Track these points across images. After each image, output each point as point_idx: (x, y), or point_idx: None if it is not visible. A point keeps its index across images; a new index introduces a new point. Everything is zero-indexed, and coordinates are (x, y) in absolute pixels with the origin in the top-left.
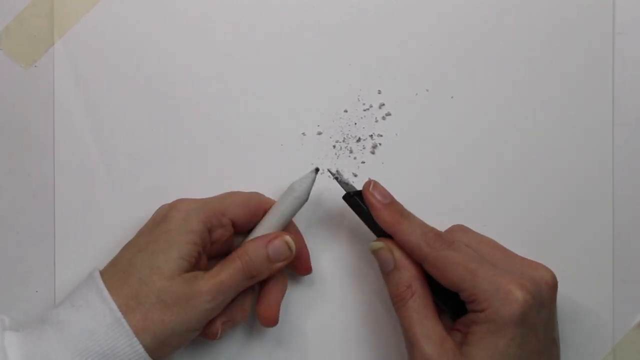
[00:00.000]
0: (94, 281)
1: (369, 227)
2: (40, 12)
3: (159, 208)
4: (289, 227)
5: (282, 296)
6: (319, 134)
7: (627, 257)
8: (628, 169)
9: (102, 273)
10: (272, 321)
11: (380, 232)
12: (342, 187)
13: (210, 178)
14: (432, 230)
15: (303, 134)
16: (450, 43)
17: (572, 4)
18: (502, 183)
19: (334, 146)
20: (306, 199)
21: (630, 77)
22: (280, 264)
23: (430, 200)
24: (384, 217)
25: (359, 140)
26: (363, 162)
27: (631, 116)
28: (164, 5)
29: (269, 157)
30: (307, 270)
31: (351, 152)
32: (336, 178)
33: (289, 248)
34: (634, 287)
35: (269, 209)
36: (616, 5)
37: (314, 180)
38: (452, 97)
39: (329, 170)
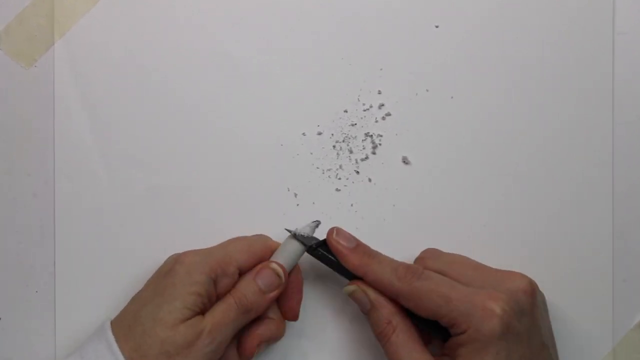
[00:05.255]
0: (104, 333)
1: (339, 273)
2: (40, 12)
3: (166, 260)
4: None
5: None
6: (319, 134)
7: (627, 257)
8: (628, 169)
9: (112, 324)
10: (294, 316)
11: (350, 275)
12: (303, 242)
13: (210, 178)
14: (401, 264)
15: (303, 134)
16: (450, 43)
17: (572, 4)
18: (502, 183)
19: (334, 146)
20: (305, 250)
21: (630, 77)
22: (273, 294)
23: (430, 200)
24: (352, 261)
25: (359, 140)
26: (363, 162)
27: (631, 116)
28: (163, 5)
29: (269, 157)
30: (294, 316)
31: (351, 152)
32: (294, 235)
33: (278, 275)
34: (634, 286)
35: (273, 251)
36: (616, 5)
37: (314, 229)
38: (452, 97)
39: (286, 229)
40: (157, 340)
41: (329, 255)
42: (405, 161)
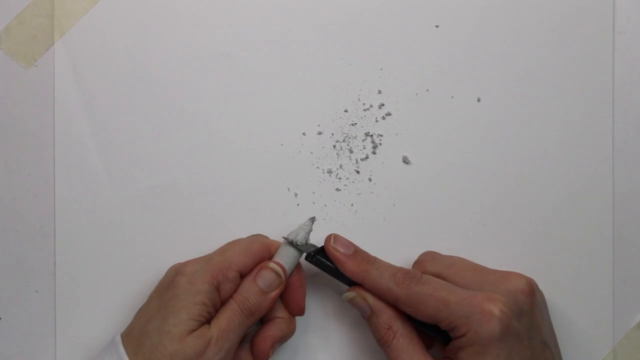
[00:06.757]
0: (115, 347)
1: (338, 279)
2: (40, 11)
3: (167, 271)
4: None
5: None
6: (319, 133)
7: (627, 257)
8: (628, 169)
9: (122, 339)
10: (300, 310)
11: (350, 282)
12: (302, 250)
13: (210, 178)
14: (400, 270)
15: (303, 134)
16: (450, 43)
17: (572, 4)
18: (502, 182)
19: (334, 146)
20: (305, 250)
21: (630, 77)
22: (274, 293)
23: (430, 200)
24: (350, 268)
25: (359, 140)
26: (363, 162)
27: (631, 116)
28: (163, 5)
29: (269, 157)
30: (300, 310)
31: (351, 151)
32: (291, 242)
33: (277, 274)
34: (634, 286)
35: (271, 249)
36: (616, 5)
37: (310, 229)
38: (452, 97)
39: (284, 237)
40: (166, 354)
41: (327, 262)
42: (405, 161)
